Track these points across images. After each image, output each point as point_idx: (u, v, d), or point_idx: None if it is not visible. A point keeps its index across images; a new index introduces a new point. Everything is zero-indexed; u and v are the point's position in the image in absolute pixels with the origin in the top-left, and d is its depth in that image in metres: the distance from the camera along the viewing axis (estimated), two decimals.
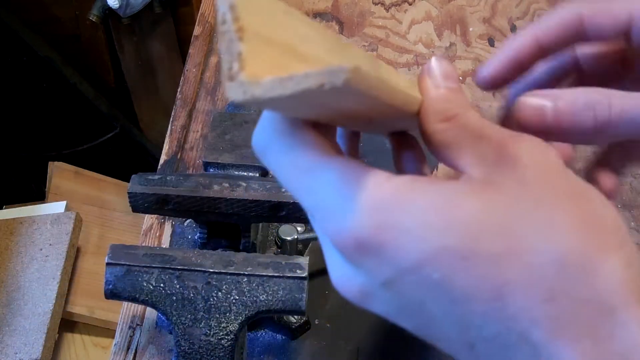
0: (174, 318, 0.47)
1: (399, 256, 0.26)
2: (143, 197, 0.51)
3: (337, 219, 0.27)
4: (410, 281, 0.26)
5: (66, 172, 1.40)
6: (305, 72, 0.22)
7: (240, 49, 0.22)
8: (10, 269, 1.07)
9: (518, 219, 0.25)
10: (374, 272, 0.27)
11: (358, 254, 0.27)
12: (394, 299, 0.27)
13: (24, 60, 1.46)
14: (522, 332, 0.25)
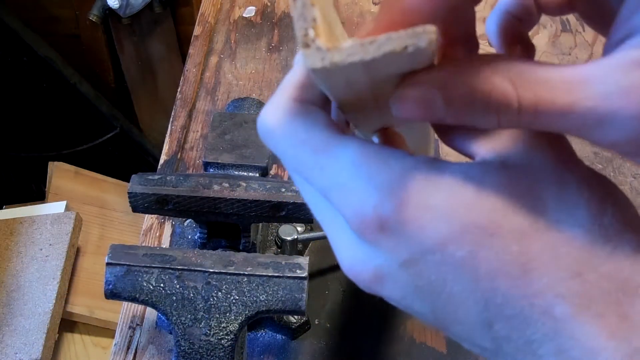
0: (174, 318, 0.47)
1: (423, 234, 0.25)
2: (143, 197, 0.51)
3: (358, 197, 0.26)
4: (433, 260, 0.25)
5: (66, 172, 1.40)
6: (388, 35, 0.22)
7: (314, 14, 0.22)
8: (10, 269, 1.07)
9: (543, 196, 0.25)
10: (393, 252, 0.26)
11: (379, 232, 0.26)
12: (412, 279, 0.26)
13: (24, 60, 1.46)
14: (546, 308, 0.24)
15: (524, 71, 0.24)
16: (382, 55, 0.22)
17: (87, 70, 1.59)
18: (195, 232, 0.64)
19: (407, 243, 0.26)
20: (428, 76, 0.25)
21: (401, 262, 0.26)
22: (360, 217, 0.26)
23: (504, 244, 0.25)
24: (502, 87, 0.24)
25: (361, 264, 0.27)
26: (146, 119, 1.72)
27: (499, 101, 0.24)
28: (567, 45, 0.86)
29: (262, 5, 0.92)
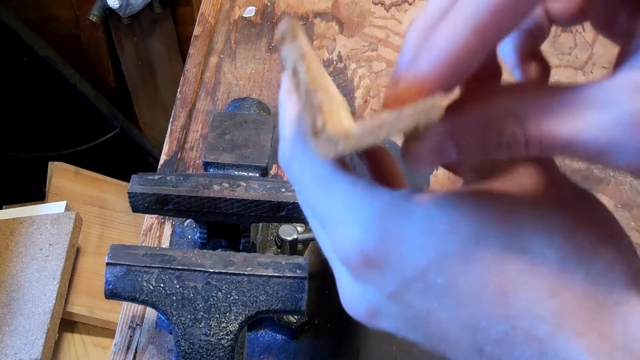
0: (174, 318, 0.47)
1: (402, 265, 0.26)
2: (143, 197, 0.51)
3: (342, 231, 0.27)
4: (416, 289, 0.26)
5: (66, 172, 1.40)
6: (398, 115, 0.21)
7: (319, 99, 0.21)
8: (10, 269, 1.07)
9: (516, 221, 0.26)
10: (380, 284, 0.27)
11: (364, 266, 0.27)
12: (402, 310, 0.27)
13: (24, 60, 1.46)
14: (528, 329, 0.25)
15: (528, 104, 0.24)
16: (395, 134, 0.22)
17: (87, 70, 1.59)
18: (195, 232, 0.64)
19: (390, 275, 0.27)
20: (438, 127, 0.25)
21: (389, 295, 0.27)
22: (346, 254, 0.27)
23: (480, 270, 0.25)
24: (509, 127, 0.24)
25: (356, 301, 0.29)
26: (146, 119, 1.72)
27: (507, 141, 0.24)
28: (567, 45, 0.86)
29: (262, 5, 0.92)
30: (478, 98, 0.25)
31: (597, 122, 0.23)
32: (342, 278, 0.30)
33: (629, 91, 0.23)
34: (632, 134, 0.22)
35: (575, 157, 0.24)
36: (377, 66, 0.84)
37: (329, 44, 0.87)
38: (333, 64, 0.84)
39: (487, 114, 0.25)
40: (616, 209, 0.68)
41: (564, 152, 0.24)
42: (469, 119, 0.25)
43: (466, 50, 0.24)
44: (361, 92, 0.81)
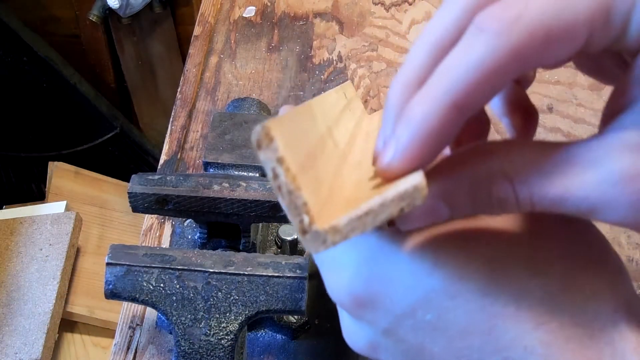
0: (174, 318, 0.47)
1: (391, 304, 0.27)
2: (143, 197, 0.51)
3: (334, 275, 0.29)
4: (407, 326, 0.27)
5: (66, 172, 1.40)
6: (381, 203, 0.22)
7: (303, 199, 0.21)
8: (10, 269, 1.07)
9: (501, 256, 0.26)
10: (374, 323, 0.28)
11: (356, 308, 0.28)
12: (397, 345, 0.28)
13: (24, 60, 1.46)
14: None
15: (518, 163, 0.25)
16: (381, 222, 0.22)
17: (87, 70, 1.59)
18: (195, 232, 0.64)
19: (382, 314, 0.28)
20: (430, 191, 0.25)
21: (383, 331, 0.28)
22: (339, 297, 0.29)
23: (466, 305, 0.26)
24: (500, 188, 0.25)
25: (356, 336, 0.30)
26: (146, 119, 1.72)
27: (499, 201, 0.25)
28: None
29: (262, 5, 0.92)
30: (468, 157, 0.26)
31: (586, 181, 0.23)
32: (342, 315, 0.31)
33: (616, 150, 0.23)
34: (621, 192, 0.22)
35: (568, 213, 0.24)
36: (377, 66, 0.84)
37: (329, 44, 0.87)
38: (333, 64, 0.84)
39: (477, 175, 0.25)
40: None
41: (556, 209, 0.24)
42: (459, 180, 0.25)
43: (442, 125, 0.23)
44: (361, 92, 0.81)
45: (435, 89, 0.24)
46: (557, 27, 0.22)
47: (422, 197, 0.22)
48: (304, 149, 0.24)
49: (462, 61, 0.23)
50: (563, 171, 0.24)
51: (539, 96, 0.79)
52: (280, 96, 0.80)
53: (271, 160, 0.21)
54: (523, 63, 0.23)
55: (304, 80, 0.82)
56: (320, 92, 0.81)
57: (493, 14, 0.23)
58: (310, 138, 0.26)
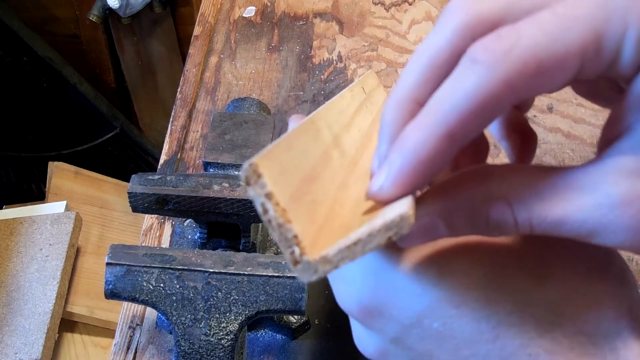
0: (174, 318, 0.47)
1: (398, 314, 0.28)
2: (143, 197, 0.51)
3: (343, 286, 0.30)
4: (415, 334, 0.28)
5: (66, 172, 1.40)
6: (369, 233, 0.23)
7: (293, 231, 0.22)
8: (10, 269, 1.07)
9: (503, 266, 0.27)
10: (382, 331, 0.29)
11: (365, 317, 0.29)
12: (405, 353, 0.29)
13: (24, 60, 1.46)
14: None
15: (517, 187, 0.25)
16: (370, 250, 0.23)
17: (87, 70, 1.59)
18: (195, 232, 0.64)
19: (390, 323, 0.29)
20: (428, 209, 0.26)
21: (391, 340, 0.29)
22: (348, 307, 0.30)
23: (471, 313, 0.27)
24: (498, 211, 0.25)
25: (367, 344, 0.31)
26: (146, 119, 1.72)
27: (497, 223, 0.25)
28: None
29: (262, 5, 0.92)
30: (466, 179, 0.26)
31: (585, 204, 0.23)
32: (353, 324, 0.32)
33: (614, 175, 0.23)
34: (620, 216, 0.23)
35: (567, 236, 0.24)
36: (377, 66, 0.84)
37: (329, 44, 0.87)
38: (333, 64, 0.84)
39: (475, 197, 0.25)
40: None
41: (555, 232, 0.24)
42: (458, 202, 0.25)
43: (435, 154, 0.24)
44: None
45: (429, 119, 0.24)
46: (549, 59, 0.22)
47: (408, 225, 0.23)
48: (300, 174, 0.24)
49: (455, 92, 0.23)
50: (561, 195, 0.24)
51: (538, 96, 0.79)
52: (280, 96, 0.80)
53: (260, 196, 0.22)
54: (515, 94, 0.23)
55: (304, 80, 0.82)
56: (320, 92, 0.81)
57: (486, 46, 0.23)
58: (310, 158, 0.26)
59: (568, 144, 0.74)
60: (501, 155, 0.73)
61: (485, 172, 0.26)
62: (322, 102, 0.80)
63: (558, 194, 0.24)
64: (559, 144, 0.74)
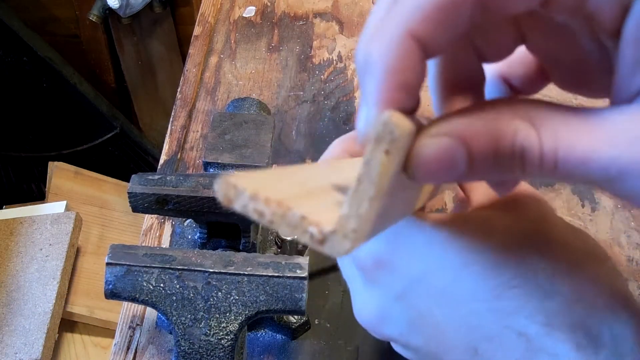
0: (174, 318, 0.47)
1: (407, 268, 0.29)
2: (143, 197, 0.51)
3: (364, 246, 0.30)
4: (418, 291, 0.29)
5: (66, 172, 1.40)
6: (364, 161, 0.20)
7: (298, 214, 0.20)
8: (10, 269, 1.07)
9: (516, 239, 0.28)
10: (389, 286, 0.30)
11: (375, 269, 0.30)
12: (405, 312, 0.30)
13: (24, 60, 1.46)
14: (520, 329, 0.27)
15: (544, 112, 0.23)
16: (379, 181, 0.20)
17: (87, 70, 1.59)
18: (195, 232, 0.64)
19: (398, 277, 0.30)
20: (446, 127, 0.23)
21: (396, 296, 0.30)
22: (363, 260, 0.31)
23: (477, 273, 0.28)
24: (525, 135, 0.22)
25: (367, 307, 0.32)
26: (146, 119, 1.72)
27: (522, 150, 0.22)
28: None
29: (262, 5, 0.92)
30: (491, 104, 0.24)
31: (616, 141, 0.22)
32: (356, 288, 0.33)
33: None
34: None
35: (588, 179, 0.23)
36: None
37: (329, 44, 0.87)
38: (333, 64, 0.84)
39: (502, 117, 0.23)
40: (616, 209, 0.68)
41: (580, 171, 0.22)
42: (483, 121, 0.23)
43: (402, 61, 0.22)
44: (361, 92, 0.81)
45: (388, 23, 0.22)
46: None
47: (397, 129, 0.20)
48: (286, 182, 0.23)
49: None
50: (591, 129, 0.22)
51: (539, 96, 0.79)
52: (280, 96, 0.80)
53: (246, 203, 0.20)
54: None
55: (304, 80, 0.82)
56: (320, 92, 0.81)
57: None
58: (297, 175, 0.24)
59: None
60: None
61: (513, 99, 0.26)
62: (322, 102, 0.80)
63: (588, 127, 0.22)
64: None
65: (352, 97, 0.80)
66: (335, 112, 0.79)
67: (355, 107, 0.79)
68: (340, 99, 0.80)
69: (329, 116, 0.78)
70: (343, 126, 0.77)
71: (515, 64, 0.30)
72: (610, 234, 0.66)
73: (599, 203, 0.69)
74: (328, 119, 0.78)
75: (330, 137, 0.74)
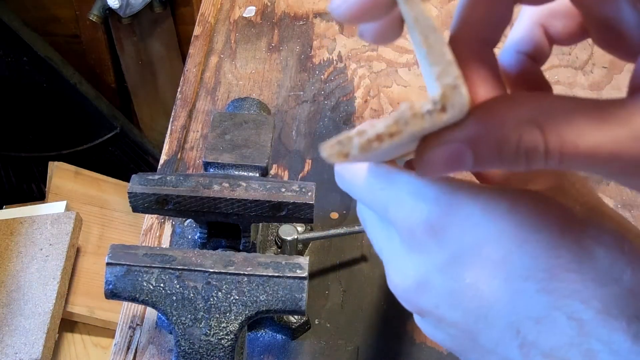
0: (174, 318, 0.47)
1: (463, 235, 0.28)
2: (143, 197, 0.51)
3: (410, 207, 0.29)
4: (468, 262, 0.28)
5: (66, 172, 1.40)
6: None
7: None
8: (10, 269, 1.07)
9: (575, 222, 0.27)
10: (436, 254, 0.29)
11: (426, 235, 0.29)
12: (448, 284, 0.28)
13: (24, 60, 1.46)
14: (573, 313, 0.26)
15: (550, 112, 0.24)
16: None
17: (87, 70, 1.59)
18: (195, 232, 0.64)
19: (448, 245, 0.28)
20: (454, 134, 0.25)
21: (442, 264, 0.29)
22: (412, 225, 0.29)
23: (534, 251, 0.27)
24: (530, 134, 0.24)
25: (405, 274, 0.30)
26: (146, 119, 1.72)
27: (526, 149, 0.24)
28: None
29: (262, 5, 0.92)
30: (496, 105, 0.25)
31: (621, 136, 0.23)
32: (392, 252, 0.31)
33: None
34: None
35: (593, 171, 0.24)
36: (377, 66, 0.84)
37: (329, 44, 0.87)
38: (333, 64, 0.84)
39: (507, 121, 0.24)
40: (616, 209, 0.68)
41: (585, 164, 0.24)
42: (488, 126, 0.24)
43: None
44: (361, 92, 0.81)
45: None
46: None
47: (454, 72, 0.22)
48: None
49: None
50: (596, 124, 0.23)
51: None
52: (280, 96, 0.80)
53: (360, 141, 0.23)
54: None
55: (304, 80, 0.82)
56: (320, 92, 0.81)
57: None
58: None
59: None
60: None
61: (516, 97, 0.26)
62: (322, 102, 0.80)
63: (592, 123, 0.23)
64: None
65: (352, 97, 0.80)
66: (335, 112, 0.79)
67: (355, 107, 0.79)
68: (340, 99, 0.80)
69: (329, 116, 0.78)
70: (343, 126, 0.77)
71: (557, 14, 0.31)
72: None
73: None
74: (328, 119, 0.78)
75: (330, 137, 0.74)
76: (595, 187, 0.70)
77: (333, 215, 0.69)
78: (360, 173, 0.31)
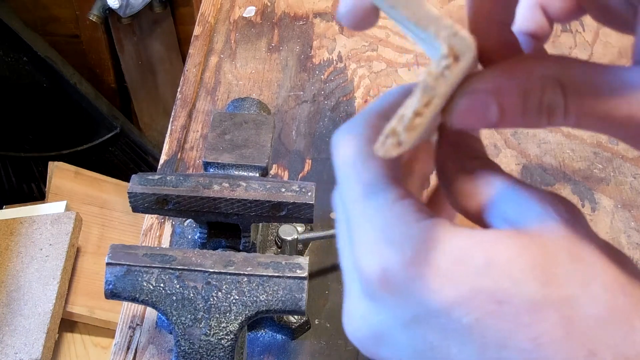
0: (174, 318, 0.47)
1: (429, 295, 0.24)
2: (143, 197, 0.51)
3: (370, 246, 0.26)
4: (437, 324, 0.25)
5: (66, 172, 1.40)
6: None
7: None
8: (10, 269, 1.07)
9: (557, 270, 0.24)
10: (397, 310, 0.25)
11: (382, 287, 0.25)
12: (412, 342, 0.26)
13: (24, 60, 1.46)
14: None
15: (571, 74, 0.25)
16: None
17: (87, 70, 1.59)
18: (195, 232, 0.64)
19: (411, 303, 0.25)
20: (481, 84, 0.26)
21: (403, 323, 0.25)
22: (368, 270, 0.25)
23: (514, 314, 0.24)
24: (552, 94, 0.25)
25: (362, 322, 0.27)
26: (146, 119, 1.72)
27: (548, 107, 0.25)
28: (567, 45, 0.86)
29: (262, 5, 0.92)
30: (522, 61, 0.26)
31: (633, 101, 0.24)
32: (352, 294, 0.27)
33: None
34: None
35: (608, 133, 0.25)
36: (377, 66, 0.84)
37: (329, 44, 0.87)
38: (333, 64, 0.84)
39: (532, 77, 0.25)
40: (616, 209, 0.68)
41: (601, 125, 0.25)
42: (513, 79, 0.25)
43: None
44: (361, 92, 0.81)
45: None
46: None
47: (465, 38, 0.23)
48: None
49: None
50: (614, 88, 0.24)
51: None
52: (280, 96, 0.80)
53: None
54: None
55: (304, 80, 0.82)
56: (320, 92, 0.81)
57: None
58: None
59: (568, 144, 0.74)
60: (501, 156, 0.73)
61: (540, 57, 0.26)
62: (322, 102, 0.80)
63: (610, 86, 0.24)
64: (559, 143, 0.74)
65: (352, 97, 0.80)
66: (335, 112, 0.79)
67: (356, 107, 0.79)
68: (340, 99, 0.80)
69: (329, 116, 0.78)
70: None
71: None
72: (610, 234, 0.66)
73: (599, 203, 0.69)
74: (328, 119, 0.78)
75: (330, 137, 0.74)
76: (595, 187, 0.70)
77: (333, 215, 0.69)
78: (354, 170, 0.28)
